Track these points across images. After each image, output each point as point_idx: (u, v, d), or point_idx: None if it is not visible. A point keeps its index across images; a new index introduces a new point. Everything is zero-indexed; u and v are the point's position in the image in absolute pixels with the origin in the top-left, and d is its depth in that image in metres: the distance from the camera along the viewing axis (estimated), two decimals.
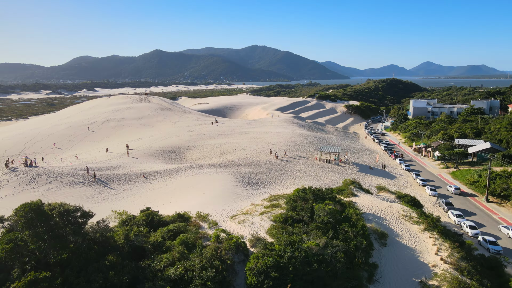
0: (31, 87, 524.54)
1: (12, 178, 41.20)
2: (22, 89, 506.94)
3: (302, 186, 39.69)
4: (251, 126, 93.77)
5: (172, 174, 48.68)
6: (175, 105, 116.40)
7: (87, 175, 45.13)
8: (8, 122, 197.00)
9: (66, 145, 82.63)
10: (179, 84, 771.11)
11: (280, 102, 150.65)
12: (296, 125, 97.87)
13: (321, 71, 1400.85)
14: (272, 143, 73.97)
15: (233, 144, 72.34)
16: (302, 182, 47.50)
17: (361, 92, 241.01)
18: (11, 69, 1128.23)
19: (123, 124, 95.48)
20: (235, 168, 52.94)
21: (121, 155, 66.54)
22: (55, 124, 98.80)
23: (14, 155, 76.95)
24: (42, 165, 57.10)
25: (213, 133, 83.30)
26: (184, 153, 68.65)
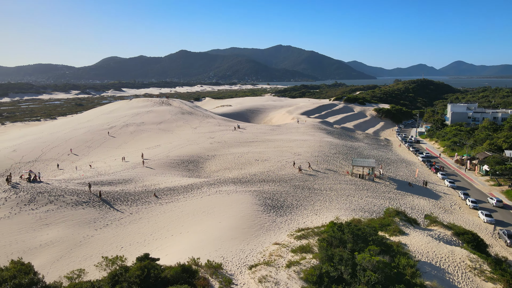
0: (61, 87, 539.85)
1: (11, 196, 37.25)
2: (53, 89, 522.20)
3: (337, 217, 33.62)
4: (275, 132, 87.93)
5: (187, 192, 43.58)
6: (196, 109, 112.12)
7: (91, 194, 40.58)
8: (36, 123, 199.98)
9: (83, 151, 79.67)
10: (203, 84, 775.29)
11: (306, 106, 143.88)
12: (323, 132, 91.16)
13: (347, 71, 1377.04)
14: (298, 153, 67.88)
15: (256, 154, 66.76)
16: (333, 205, 41.28)
17: (390, 94, 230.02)
18: (44, 70, 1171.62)
19: (142, 129, 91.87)
20: (257, 185, 47.28)
21: (136, 165, 62.34)
22: (74, 128, 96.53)
23: (30, 162, 74.62)
24: (49, 177, 53.57)
25: (234, 141, 78.05)
26: (203, 164, 63.68)
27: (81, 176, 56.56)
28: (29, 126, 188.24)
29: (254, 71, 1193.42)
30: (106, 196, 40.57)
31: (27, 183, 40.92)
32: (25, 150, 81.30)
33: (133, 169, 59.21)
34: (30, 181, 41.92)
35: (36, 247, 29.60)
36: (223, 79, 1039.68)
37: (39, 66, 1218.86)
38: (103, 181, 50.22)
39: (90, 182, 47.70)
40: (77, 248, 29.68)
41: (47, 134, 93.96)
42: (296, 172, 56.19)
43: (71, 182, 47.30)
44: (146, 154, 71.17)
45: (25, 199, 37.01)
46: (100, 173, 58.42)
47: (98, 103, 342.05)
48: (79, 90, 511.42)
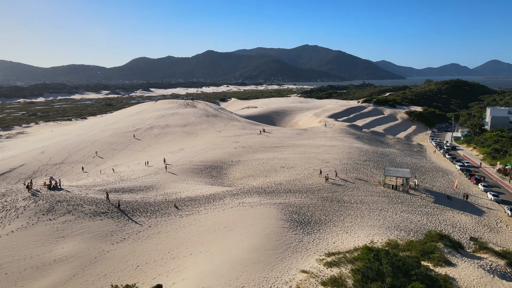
0: (92, 87, 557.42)
1: (30, 205, 36.35)
2: (85, 89, 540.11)
3: (371, 241, 30.44)
4: (301, 137, 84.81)
5: (208, 203, 41.46)
6: (221, 111, 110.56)
7: (110, 204, 39.14)
8: (67, 122, 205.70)
9: (108, 154, 79.58)
10: (229, 84, 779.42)
11: (333, 108, 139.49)
12: (352, 137, 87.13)
13: (375, 71, 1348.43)
14: (325, 160, 64.57)
15: (282, 161, 64.01)
16: (365, 222, 37.96)
17: (422, 95, 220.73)
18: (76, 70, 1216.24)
19: (166, 132, 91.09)
20: (283, 196, 44.55)
21: (159, 170, 61.06)
22: (101, 130, 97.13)
23: (57, 164, 75.17)
24: (72, 182, 52.96)
25: (260, 145, 75.61)
26: (226, 170, 61.59)
27: (103, 181, 55.81)
28: (60, 125, 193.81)
29: (280, 71, 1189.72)
30: (125, 206, 39.05)
31: (47, 191, 40.07)
32: (52, 151, 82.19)
33: (156, 175, 57.91)
34: (51, 188, 41.08)
35: (50, 263, 28.24)
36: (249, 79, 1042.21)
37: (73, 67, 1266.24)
38: (124, 188, 49.04)
39: (109, 190, 46.56)
40: (92, 265, 28.08)
41: (74, 135, 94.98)
42: (323, 181, 53.09)
43: (92, 189, 46.32)
44: (169, 159, 69.97)
45: (44, 208, 36.01)
46: (123, 178, 57.50)
47: (127, 103, 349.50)
48: (109, 90, 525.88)
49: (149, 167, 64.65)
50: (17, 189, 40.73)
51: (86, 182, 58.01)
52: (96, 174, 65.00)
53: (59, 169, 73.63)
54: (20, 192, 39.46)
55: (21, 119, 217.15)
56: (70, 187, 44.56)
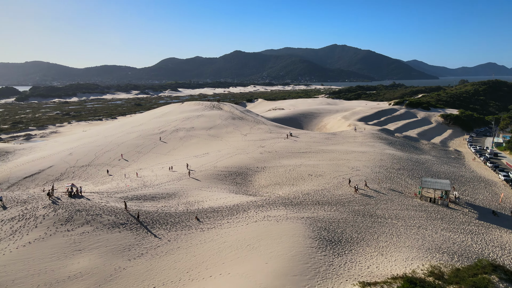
0: (123, 88, 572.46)
1: (50, 214, 35.41)
2: (116, 89, 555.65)
3: (413, 271, 27.08)
4: (330, 142, 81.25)
5: (232, 215, 39.21)
6: (247, 114, 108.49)
7: (129, 215, 37.63)
8: (98, 122, 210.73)
9: (133, 157, 79.27)
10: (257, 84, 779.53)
11: (363, 111, 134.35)
12: (384, 143, 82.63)
13: (406, 70, 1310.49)
14: (356, 168, 60.94)
15: (309, 168, 60.97)
16: (402, 241, 34.48)
17: (458, 97, 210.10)
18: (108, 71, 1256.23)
19: (191, 135, 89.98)
20: (311, 209, 41.65)
21: (182, 176, 59.59)
22: (127, 132, 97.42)
23: (83, 166, 75.50)
24: (94, 187, 52.19)
25: (286, 151, 72.82)
26: (251, 177, 59.27)
27: (126, 186, 54.90)
28: (91, 125, 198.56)
29: (308, 71, 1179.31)
30: (145, 217, 37.43)
31: (68, 199, 39.15)
32: (80, 153, 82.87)
33: (179, 181, 56.41)
34: (71, 196, 40.18)
35: (64, 279, 26.84)
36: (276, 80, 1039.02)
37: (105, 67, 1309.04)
38: (146, 195, 47.70)
39: (130, 197, 45.32)
40: (106, 284, 26.44)
41: (102, 137, 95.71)
42: (352, 191, 49.72)
43: (113, 196, 45.22)
44: (194, 163, 68.51)
45: (63, 217, 34.95)
46: (146, 183, 56.39)
47: (155, 103, 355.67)
48: (139, 90, 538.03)
49: (173, 172, 63.40)
50: (39, 196, 40.12)
51: (109, 186, 57.37)
52: (120, 178, 64.43)
53: (85, 171, 73.90)
54: (41, 200, 38.76)
55: (55, 119, 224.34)
56: (91, 195, 43.60)
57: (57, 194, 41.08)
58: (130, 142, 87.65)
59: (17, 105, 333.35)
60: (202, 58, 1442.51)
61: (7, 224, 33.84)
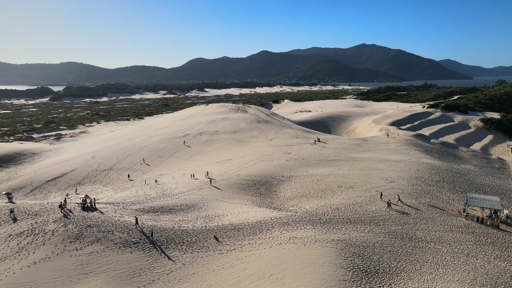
0: (151, 88, 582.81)
1: (59, 229, 33.12)
2: (144, 89, 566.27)
3: None
4: (361, 149, 76.15)
5: (254, 235, 35.61)
6: (273, 117, 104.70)
7: (141, 234, 34.73)
8: (126, 122, 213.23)
9: (155, 161, 77.39)
10: (283, 84, 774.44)
11: (395, 114, 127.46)
12: (420, 150, 76.58)
13: (438, 70, 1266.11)
14: (390, 179, 55.91)
15: (339, 178, 56.50)
16: (450, 274, 29.70)
17: (498, 99, 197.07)
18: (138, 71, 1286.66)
19: (215, 139, 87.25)
20: (342, 229, 37.37)
21: (203, 185, 56.67)
22: (151, 134, 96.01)
23: (105, 170, 74.28)
24: (110, 199, 49.92)
25: (314, 158, 68.51)
26: (276, 187, 55.50)
27: (145, 195, 52.54)
28: (119, 125, 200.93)
29: (335, 71, 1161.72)
30: (160, 235, 34.44)
31: (80, 212, 36.87)
32: (103, 157, 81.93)
33: (199, 191, 53.47)
34: (84, 208, 37.89)
35: None
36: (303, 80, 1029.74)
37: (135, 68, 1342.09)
38: (164, 206, 44.96)
39: (147, 209, 42.66)
40: None
41: (126, 140, 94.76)
42: (385, 207, 44.98)
43: (129, 208, 42.70)
44: (216, 170, 65.55)
45: (72, 234, 32.55)
46: (165, 192, 53.82)
47: (182, 103, 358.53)
48: (166, 91, 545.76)
49: (195, 179, 60.61)
50: (51, 208, 38.07)
51: (128, 194, 55.30)
52: (140, 185, 62.40)
53: (107, 175, 72.61)
54: (53, 212, 36.64)
55: (85, 118, 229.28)
56: (106, 207, 41.23)
57: (70, 206, 38.93)
58: (153, 145, 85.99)
59: (50, 105, 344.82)
60: (229, 58, 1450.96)
61: (15, 239, 31.82)
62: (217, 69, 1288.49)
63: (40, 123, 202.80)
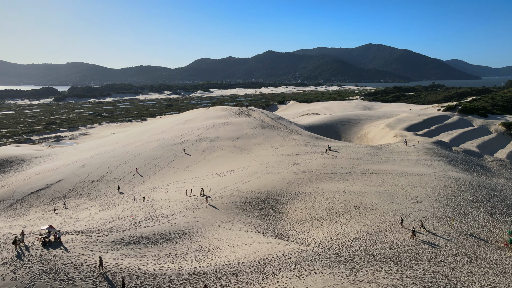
0: (156, 88, 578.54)
1: (6, 277, 25.81)
2: (149, 89, 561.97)
3: None
4: (377, 159, 68.25)
5: (256, 282, 28.06)
6: (279, 122, 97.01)
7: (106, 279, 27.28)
8: (128, 124, 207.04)
9: (148, 172, 70.24)
10: (288, 85, 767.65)
11: (409, 117, 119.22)
12: (444, 160, 68.47)
13: (445, 70, 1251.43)
14: (416, 198, 48.07)
15: (355, 197, 48.80)
16: None
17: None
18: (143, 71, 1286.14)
19: (215, 146, 79.89)
20: (366, 272, 29.69)
21: (199, 203, 49.31)
22: (147, 140, 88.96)
23: (94, 181, 67.31)
24: (87, 223, 42.45)
25: (325, 170, 60.80)
26: (283, 207, 47.93)
27: (130, 218, 45.30)
28: (121, 127, 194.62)
29: (341, 71, 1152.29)
30: (134, 285, 26.89)
31: (40, 249, 29.56)
32: (93, 165, 75.03)
33: (194, 211, 46.12)
34: (45, 244, 30.58)
35: None
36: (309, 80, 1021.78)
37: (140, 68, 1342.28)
38: (149, 235, 37.60)
39: (129, 239, 35.25)
40: None
41: (120, 146, 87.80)
42: (408, 235, 37.25)
43: (105, 239, 35.32)
44: (215, 184, 58.18)
45: (21, 285, 25.24)
46: (154, 213, 46.55)
47: (186, 103, 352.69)
48: (171, 91, 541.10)
49: (189, 196, 53.27)
50: (4, 243, 30.80)
51: (112, 214, 48.15)
52: (129, 201, 55.27)
53: (95, 188, 65.64)
54: (5, 250, 29.40)
55: (87, 119, 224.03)
56: (74, 239, 33.79)
57: (29, 239, 31.66)
58: (148, 153, 78.88)
59: (54, 105, 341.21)
60: (234, 58, 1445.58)
61: None
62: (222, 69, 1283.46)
63: (41, 124, 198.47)
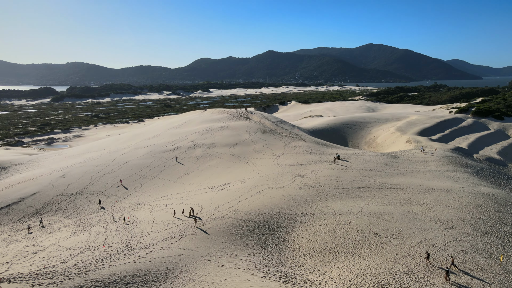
0: (155, 88, 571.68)
1: None
2: (148, 90, 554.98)
3: None
4: (393, 169, 60.10)
5: None
6: (281, 126, 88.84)
7: None
8: (124, 125, 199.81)
9: (134, 184, 62.30)
10: (289, 85, 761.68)
11: (420, 120, 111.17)
12: (469, 172, 60.24)
13: (446, 70, 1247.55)
14: (447, 222, 39.99)
15: (374, 220, 40.79)
16: None
17: None
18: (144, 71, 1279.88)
19: (210, 154, 71.91)
20: None
21: (187, 228, 41.37)
22: (136, 146, 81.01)
23: (73, 194, 59.42)
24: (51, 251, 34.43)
25: (335, 185, 52.77)
26: (287, 233, 39.92)
27: (102, 248, 37.37)
28: (117, 128, 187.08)
29: (342, 71, 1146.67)
30: None
31: None
32: (74, 175, 67.14)
33: (180, 239, 38.14)
34: None
35: None
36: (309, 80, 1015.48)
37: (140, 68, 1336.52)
38: (118, 278, 29.64)
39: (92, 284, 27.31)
40: None
41: (107, 153, 79.90)
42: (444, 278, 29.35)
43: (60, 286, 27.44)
44: (207, 201, 50.25)
45: None
46: (131, 242, 38.60)
47: (186, 104, 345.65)
48: (170, 91, 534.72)
49: (178, 219, 45.30)
50: None
51: (84, 240, 40.25)
52: (108, 221, 47.39)
53: (74, 202, 57.80)
54: None
55: (83, 120, 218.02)
56: None
57: None
58: (136, 161, 70.96)
59: (51, 106, 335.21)
60: (234, 58, 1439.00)
61: None
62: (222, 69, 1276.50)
63: (35, 125, 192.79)
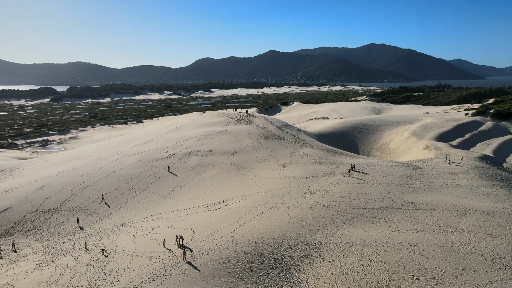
0: (156, 88, 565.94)
1: None
2: (149, 89, 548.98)
3: None
4: (418, 184, 51.83)
5: None
6: (286, 130, 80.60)
7: None
8: (123, 126, 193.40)
9: (119, 198, 54.41)
10: (291, 85, 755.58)
11: (436, 124, 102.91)
12: (507, 187, 51.66)
13: (449, 70, 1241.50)
14: (500, 260, 31.78)
15: (406, 254, 32.72)
16: None
17: None
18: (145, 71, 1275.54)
19: (207, 163, 63.95)
20: None
21: (174, 262, 33.42)
22: (127, 153, 73.17)
23: (49, 211, 51.66)
24: None
25: (352, 204, 44.65)
26: (298, 272, 31.90)
27: None
28: (115, 129, 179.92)
29: (344, 71, 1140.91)
30: None
31: None
32: (54, 187, 59.41)
33: (163, 282, 30.19)
34: None
35: None
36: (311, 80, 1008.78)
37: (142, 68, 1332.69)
38: None
39: None
40: None
41: (93, 160, 72.10)
42: None
43: None
44: (201, 223, 42.28)
45: None
46: (101, 286, 30.70)
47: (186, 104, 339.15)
48: (172, 91, 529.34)
49: (165, 249, 37.34)
50: None
51: (49, 275, 32.34)
52: (81, 249, 39.52)
53: (49, 221, 50.00)
54: None
55: (81, 121, 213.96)
56: None
57: None
58: (124, 171, 63.12)
59: (50, 106, 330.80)
60: (236, 58, 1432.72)
61: None
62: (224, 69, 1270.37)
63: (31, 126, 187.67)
